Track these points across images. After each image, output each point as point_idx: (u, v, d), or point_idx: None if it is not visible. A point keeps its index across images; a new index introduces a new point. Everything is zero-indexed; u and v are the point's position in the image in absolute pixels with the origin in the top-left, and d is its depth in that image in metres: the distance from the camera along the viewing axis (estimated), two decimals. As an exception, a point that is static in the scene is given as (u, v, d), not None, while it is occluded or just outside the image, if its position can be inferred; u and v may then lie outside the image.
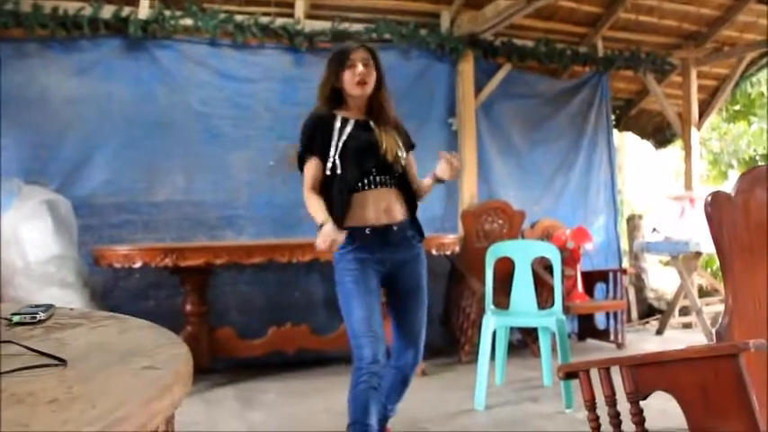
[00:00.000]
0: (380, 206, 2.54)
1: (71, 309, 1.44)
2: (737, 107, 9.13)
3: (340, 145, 2.52)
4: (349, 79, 2.53)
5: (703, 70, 6.52)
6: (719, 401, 1.45)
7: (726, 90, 6.75)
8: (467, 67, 5.40)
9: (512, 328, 4.50)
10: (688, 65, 6.32)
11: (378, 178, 2.55)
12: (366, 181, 2.53)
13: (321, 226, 2.42)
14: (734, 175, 9.28)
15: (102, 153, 4.51)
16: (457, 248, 4.55)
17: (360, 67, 2.51)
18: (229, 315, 4.64)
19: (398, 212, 2.59)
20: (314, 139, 2.55)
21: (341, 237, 2.40)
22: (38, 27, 4.29)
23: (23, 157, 4.29)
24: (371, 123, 2.60)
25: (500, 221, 5.40)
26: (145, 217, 4.62)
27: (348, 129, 2.55)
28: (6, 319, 1.23)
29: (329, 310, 4.60)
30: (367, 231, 2.51)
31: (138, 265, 3.90)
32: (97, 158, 4.50)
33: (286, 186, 4.70)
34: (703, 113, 6.64)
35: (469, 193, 5.38)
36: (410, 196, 2.65)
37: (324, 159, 2.54)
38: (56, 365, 0.88)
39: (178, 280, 4.27)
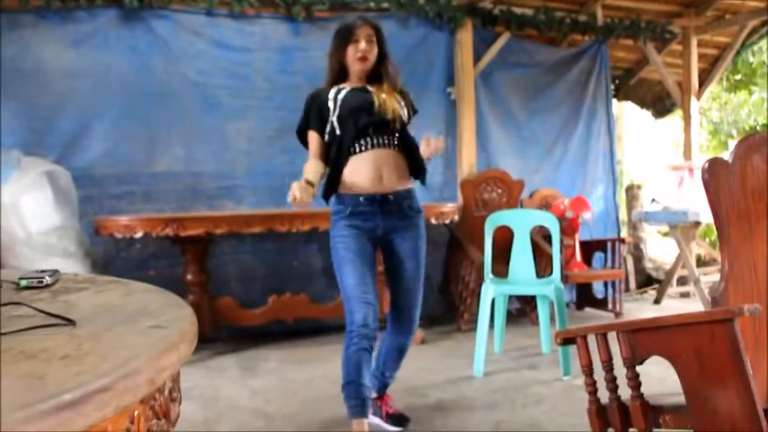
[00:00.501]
0: (376, 173, 2.58)
1: (76, 274, 1.45)
2: (738, 76, 9.05)
3: (337, 107, 2.61)
4: (351, 54, 2.63)
5: (704, 39, 6.46)
6: (714, 366, 1.48)
7: (726, 59, 6.69)
8: (465, 36, 5.36)
9: (510, 297, 4.54)
10: (688, 33, 6.26)
11: (375, 139, 2.59)
12: (363, 141, 2.58)
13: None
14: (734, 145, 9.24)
15: (101, 124, 4.50)
16: (456, 217, 4.57)
17: (362, 44, 2.61)
18: (230, 284, 4.68)
19: (395, 180, 2.62)
20: (310, 115, 2.68)
21: (305, 195, 2.46)
22: (32, -3, 4.24)
23: (21, 129, 4.27)
24: (368, 87, 2.67)
25: (499, 190, 5.41)
26: (144, 187, 4.63)
27: (343, 93, 2.64)
28: (14, 282, 1.25)
29: (328, 280, 4.63)
30: (361, 199, 2.58)
31: (138, 235, 3.92)
32: (96, 129, 4.49)
33: (285, 156, 4.71)
34: (703, 83, 6.60)
35: (468, 162, 5.39)
36: (413, 159, 2.67)
37: (321, 131, 2.64)
38: (65, 325, 0.90)
39: (178, 250, 4.30)
